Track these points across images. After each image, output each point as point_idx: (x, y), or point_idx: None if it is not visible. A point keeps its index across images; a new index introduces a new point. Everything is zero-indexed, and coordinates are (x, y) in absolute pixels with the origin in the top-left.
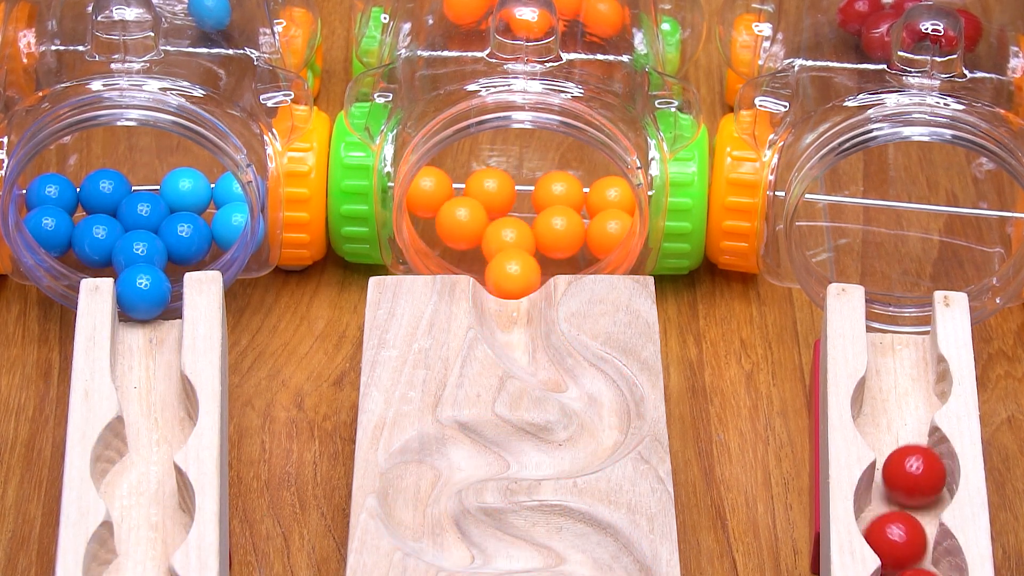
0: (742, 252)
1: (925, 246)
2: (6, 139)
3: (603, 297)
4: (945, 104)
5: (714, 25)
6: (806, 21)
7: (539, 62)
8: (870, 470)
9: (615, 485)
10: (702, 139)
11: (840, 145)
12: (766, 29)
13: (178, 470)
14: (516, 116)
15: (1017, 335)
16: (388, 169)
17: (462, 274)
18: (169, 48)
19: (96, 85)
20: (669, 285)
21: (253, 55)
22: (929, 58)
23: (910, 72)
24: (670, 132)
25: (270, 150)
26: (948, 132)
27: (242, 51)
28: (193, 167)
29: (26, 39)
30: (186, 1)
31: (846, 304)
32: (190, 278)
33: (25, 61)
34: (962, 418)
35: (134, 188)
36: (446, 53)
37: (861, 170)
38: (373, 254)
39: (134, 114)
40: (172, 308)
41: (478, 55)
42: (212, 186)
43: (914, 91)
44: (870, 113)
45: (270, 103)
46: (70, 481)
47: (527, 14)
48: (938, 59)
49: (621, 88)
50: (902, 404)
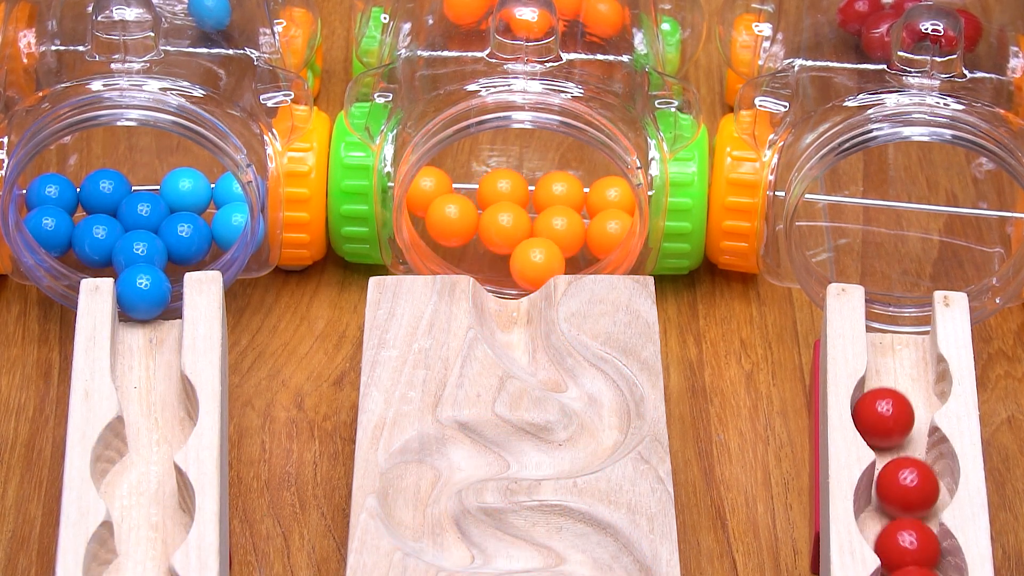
0: (742, 252)
1: (925, 246)
2: (6, 139)
3: (603, 297)
4: (945, 104)
5: (714, 25)
6: (806, 21)
7: (539, 62)
8: (870, 470)
9: (615, 485)
10: (702, 139)
11: (840, 145)
12: (766, 29)
13: (178, 470)
14: (516, 116)
15: (1017, 335)
16: (388, 169)
17: (462, 274)
18: (169, 48)
19: (96, 85)
20: (669, 285)
21: (253, 55)
22: (929, 58)
23: (910, 72)
24: (670, 132)
25: (270, 150)
26: (948, 132)
27: (242, 51)
28: (193, 167)
29: (26, 39)
30: (186, 1)
31: (846, 304)
32: (190, 278)
33: (25, 61)
34: (962, 418)
35: (134, 188)
36: (446, 53)
37: (861, 170)
38: (373, 254)
39: (134, 114)
40: (172, 308)
41: (478, 55)
42: (212, 186)
43: (914, 91)
44: (870, 113)
45: (270, 103)
46: (70, 481)
47: (527, 14)
48: (938, 59)
49: (621, 88)
50: None
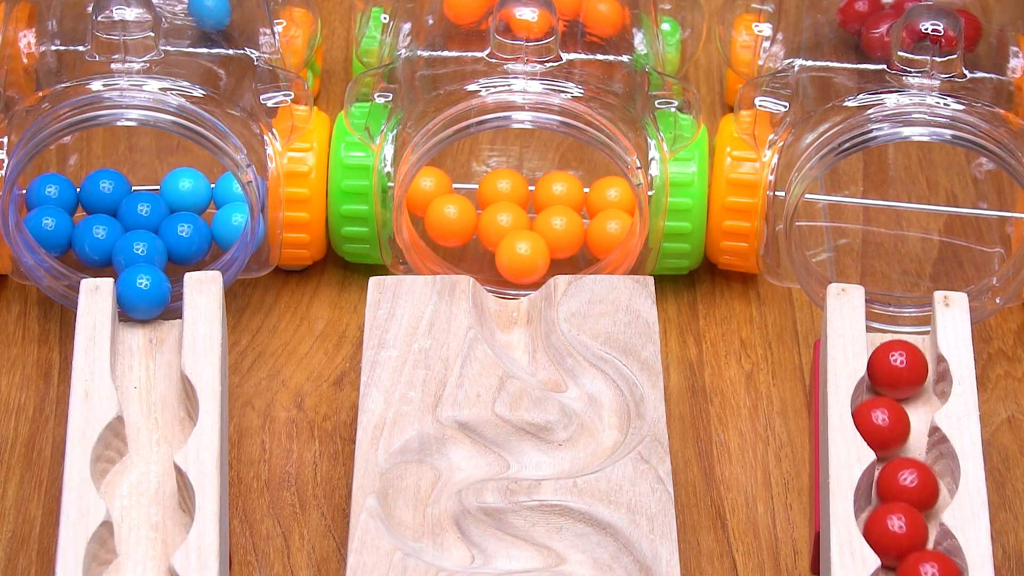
0: (742, 252)
1: (925, 246)
2: (6, 139)
3: (603, 297)
4: (945, 104)
5: (714, 25)
6: (806, 21)
7: (539, 62)
8: (870, 470)
9: (615, 485)
10: (702, 139)
11: (840, 145)
12: (766, 29)
13: (178, 470)
14: (516, 116)
15: (1017, 335)
16: (388, 169)
17: (462, 274)
18: (169, 48)
19: (96, 85)
20: (669, 285)
21: (253, 55)
22: (929, 58)
23: (910, 72)
24: (670, 132)
25: (270, 150)
26: (948, 132)
27: (242, 51)
28: (193, 167)
29: (26, 39)
30: (186, 1)
31: (846, 304)
32: (190, 278)
33: (25, 61)
34: (962, 418)
35: (134, 188)
36: (446, 53)
37: (861, 170)
38: (373, 254)
39: (134, 114)
40: (172, 308)
41: (478, 55)
42: (212, 186)
43: (914, 91)
44: (870, 113)
45: (270, 103)
46: (70, 481)
47: (527, 14)
48: (938, 59)
49: (621, 88)
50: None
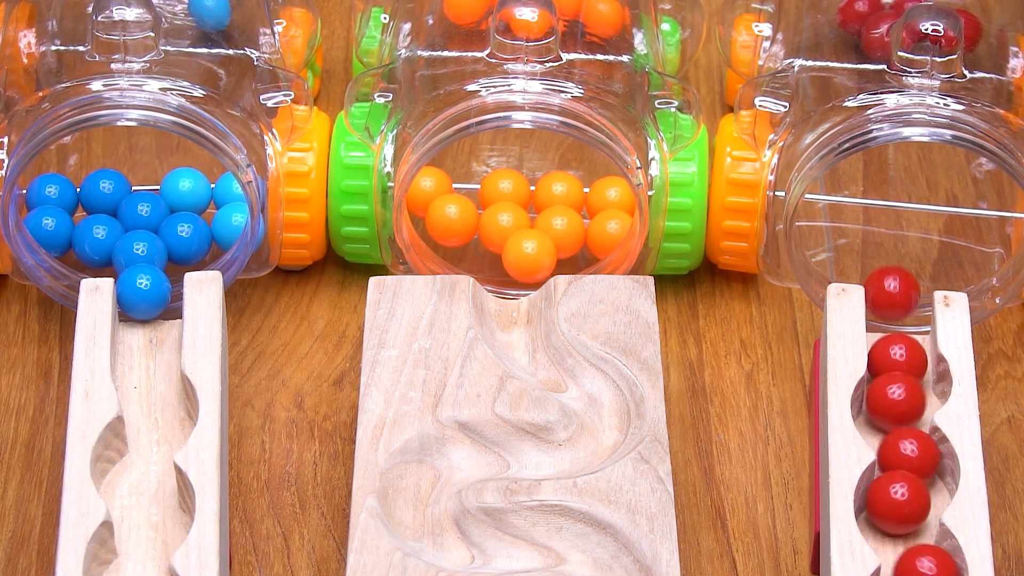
0: (742, 252)
1: (925, 246)
2: (6, 139)
3: (603, 297)
4: (945, 104)
5: (714, 25)
6: (806, 21)
7: (539, 62)
8: (870, 470)
9: (615, 485)
10: (702, 139)
11: (840, 145)
12: (766, 29)
13: (178, 470)
14: (516, 116)
15: (1017, 335)
16: (388, 169)
17: (462, 274)
18: (169, 48)
19: (96, 85)
20: (669, 285)
21: (253, 55)
22: (929, 58)
23: (910, 72)
24: (670, 132)
25: (270, 150)
26: (948, 132)
27: (242, 51)
28: (193, 167)
29: (26, 39)
30: (186, 1)
31: (846, 304)
32: (190, 278)
33: (25, 61)
34: (962, 418)
35: (134, 188)
36: (446, 53)
37: (861, 170)
38: (373, 254)
39: (134, 114)
40: (172, 308)
41: (478, 55)
42: (212, 186)
43: (914, 91)
44: (870, 113)
45: (270, 103)
46: (70, 481)
47: (527, 14)
48: (938, 59)
49: (621, 88)
50: None
